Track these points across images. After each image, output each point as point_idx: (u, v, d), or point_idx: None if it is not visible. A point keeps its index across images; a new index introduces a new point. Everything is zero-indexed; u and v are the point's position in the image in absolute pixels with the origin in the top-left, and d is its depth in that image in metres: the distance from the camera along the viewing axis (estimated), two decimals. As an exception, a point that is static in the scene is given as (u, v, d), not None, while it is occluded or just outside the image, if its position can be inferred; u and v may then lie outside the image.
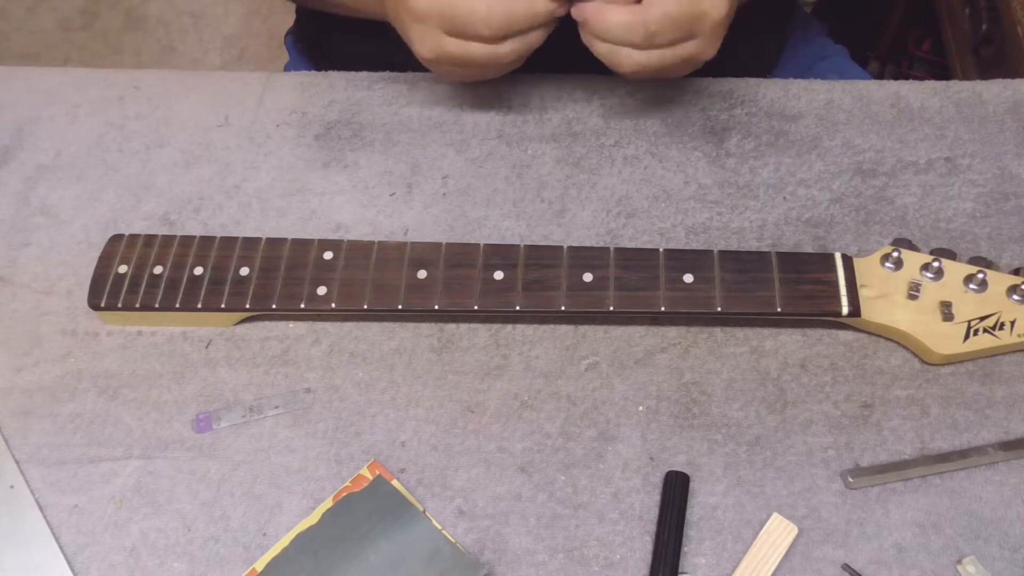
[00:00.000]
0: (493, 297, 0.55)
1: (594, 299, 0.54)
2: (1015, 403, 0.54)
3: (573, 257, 0.55)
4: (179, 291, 0.56)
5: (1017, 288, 0.54)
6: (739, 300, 0.54)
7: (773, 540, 0.49)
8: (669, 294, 0.54)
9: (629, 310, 0.54)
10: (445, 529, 0.49)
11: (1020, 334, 0.53)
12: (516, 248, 0.56)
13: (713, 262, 0.55)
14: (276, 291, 0.56)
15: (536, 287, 0.55)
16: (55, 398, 0.55)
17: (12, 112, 0.70)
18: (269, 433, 0.54)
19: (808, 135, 0.66)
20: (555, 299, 0.54)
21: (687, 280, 0.54)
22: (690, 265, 0.55)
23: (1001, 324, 0.53)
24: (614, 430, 0.53)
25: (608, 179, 0.64)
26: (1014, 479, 0.51)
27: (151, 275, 0.57)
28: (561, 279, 0.55)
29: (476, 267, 0.55)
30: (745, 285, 0.54)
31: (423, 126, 0.68)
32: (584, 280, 0.55)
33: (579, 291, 0.54)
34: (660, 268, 0.55)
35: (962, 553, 0.48)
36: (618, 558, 0.49)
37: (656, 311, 0.54)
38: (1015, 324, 0.53)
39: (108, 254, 0.58)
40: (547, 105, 0.69)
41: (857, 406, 0.54)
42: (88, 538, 0.50)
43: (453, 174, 0.65)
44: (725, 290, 0.54)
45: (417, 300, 0.55)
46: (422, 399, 0.55)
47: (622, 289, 0.54)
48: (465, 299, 0.55)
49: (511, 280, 0.55)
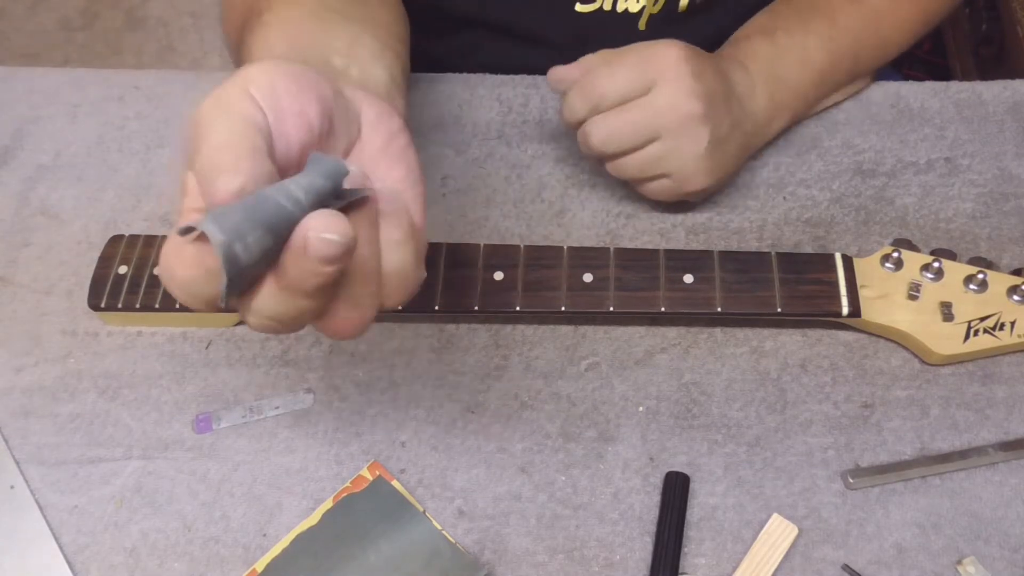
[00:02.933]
0: (493, 297, 0.55)
1: (594, 299, 0.54)
2: (1015, 403, 0.54)
3: (573, 257, 0.55)
4: None
5: (1017, 288, 0.54)
6: (739, 300, 0.54)
7: (773, 540, 0.49)
8: (669, 294, 0.54)
9: (629, 310, 0.54)
10: (445, 529, 0.49)
11: (1020, 334, 0.53)
12: (516, 248, 0.56)
13: (713, 262, 0.55)
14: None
15: (536, 287, 0.55)
16: (55, 398, 0.55)
17: (12, 112, 0.70)
18: (269, 433, 0.54)
19: (808, 135, 0.66)
20: (555, 299, 0.54)
21: (687, 280, 0.54)
22: (690, 265, 0.55)
23: (1001, 324, 0.53)
24: (614, 430, 0.53)
25: (608, 179, 0.64)
26: (1014, 479, 0.51)
27: (151, 275, 0.57)
28: (561, 280, 0.55)
29: (476, 268, 0.55)
30: (745, 285, 0.54)
31: (423, 126, 0.68)
32: (584, 280, 0.55)
33: (579, 291, 0.54)
34: (660, 268, 0.55)
35: (962, 553, 0.48)
36: (618, 558, 0.49)
37: (656, 311, 0.54)
38: (1015, 324, 0.53)
39: (108, 255, 0.58)
40: (547, 105, 0.69)
41: (857, 406, 0.54)
42: (88, 538, 0.50)
43: (453, 174, 0.65)
44: (725, 290, 0.54)
45: (417, 300, 0.55)
46: (422, 399, 0.55)
47: (622, 289, 0.54)
48: (465, 299, 0.55)
49: (511, 280, 0.55)
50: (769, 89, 0.60)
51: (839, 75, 0.63)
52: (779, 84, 0.60)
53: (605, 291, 0.54)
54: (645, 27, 0.68)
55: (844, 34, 0.62)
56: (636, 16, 0.67)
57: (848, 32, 0.62)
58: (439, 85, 0.70)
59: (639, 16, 0.67)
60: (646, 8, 0.67)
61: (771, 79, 0.60)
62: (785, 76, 0.61)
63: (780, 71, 0.60)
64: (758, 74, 0.59)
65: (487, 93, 0.69)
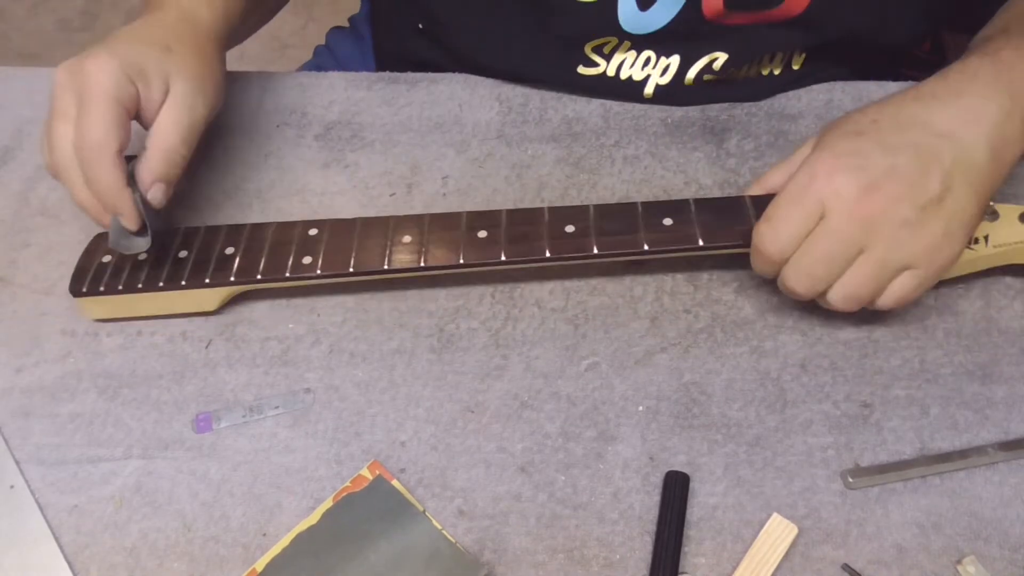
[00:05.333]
0: (478, 251, 0.55)
1: (578, 245, 0.55)
2: (1015, 403, 0.54)
3: (554, 213, 0.57)
4: (163, 271, 0.56)
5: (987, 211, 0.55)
6: (719, 234, 0.55)
7: (773, 540, 0.49)
8: (650, 235, 0.55)
9: (613, 251, 0.55)
10: (445, 529, 0.49)
11: (996, 245, 0.55)
12: (499, 212, 0.57)
13: (690, 207, 0.56)
14: (260, 264, 0.56)
15: (520, 240, 0.56)
16: (55, 398, 0.55)
17: (12, 112, 0.70)
18: (269, 433, 0.54)
19: (808, 135, 0.66)
20: (539, 248, 0.55)
21: (666, 223, 0.55)
22: (668, 210, 0.56)
23: (976, 239, 0.55)
24: (614, 430, 0.53)
25: (608, 179, 0.64)
26: (1014, 479, 0.51)
27: (135, 261, 0.57)
28: (543, 232, 0.56)
29: (460, 229, 0.56)
30: (724, 222, 0.55)
31: (423, 126, 0.68)
32: (567, 231, 0.56)
33: (562, 239, 0.55)
34: (639, 216, 0.56)
35: (962, 553, 0.48)
36: (618, 558, 0.49)
37: (639, 251, 0.55)
38: (988, 238, 0.55)
39: (92, 248, 0.58)
40: (547, 105, 0.69)
41: (857, 406, 0.54)
42: (88, 538, 0.50)
43: (453, 174, 0.65)
44: (704, 227, 0.55)
45: (402, 260, 0.55)
46: (422, 399, 0.55)
47: (604, 235, 0.55)
48: (450, 255, 0.55)
49: (495, 236, 0.56)
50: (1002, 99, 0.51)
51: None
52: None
53: (587, 237, 0.55)
54: (651, 95, 0.68)
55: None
56: (640, 84, 0.67)
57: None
58: (439, 85, 0.70)
59: (643, 84, 0.67)
60: (651, 78, 0.66)
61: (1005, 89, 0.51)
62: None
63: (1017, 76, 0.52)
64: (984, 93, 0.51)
65: (487, 93, 0.70)
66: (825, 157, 0.50)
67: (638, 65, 0.66)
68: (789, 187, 0.50)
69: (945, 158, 0.49)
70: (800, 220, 0.50)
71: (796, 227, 0.50)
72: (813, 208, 0.49)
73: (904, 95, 0.53)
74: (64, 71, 0.53)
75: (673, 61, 0.65)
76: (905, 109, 0.52)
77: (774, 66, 0.68)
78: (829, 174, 0.49)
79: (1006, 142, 0.51)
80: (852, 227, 0.49)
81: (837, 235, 0.49)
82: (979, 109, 0.50)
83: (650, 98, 0.68)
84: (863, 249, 0.49)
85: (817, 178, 0.49)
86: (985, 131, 0.50)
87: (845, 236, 0.49)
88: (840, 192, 0.49)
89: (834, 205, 0.49)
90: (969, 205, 0.49)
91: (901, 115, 0.51)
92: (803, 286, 0.51)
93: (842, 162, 0.49)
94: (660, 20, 0.63)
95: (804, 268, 0.50)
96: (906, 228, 0.48)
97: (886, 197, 0.48)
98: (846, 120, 0.53)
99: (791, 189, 0.50)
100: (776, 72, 0.68)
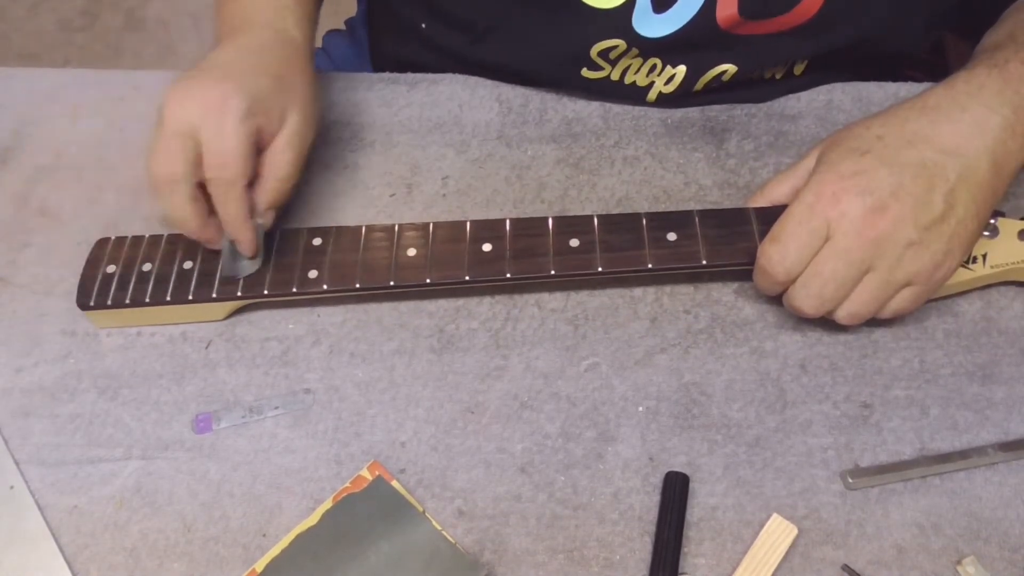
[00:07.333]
0: (483, 267, 0.55)
1: (582, 262, 0.55)
2: (1015, 403, 0.54)
3: (559, 225, 0.56)
4: (169, 285, 0.56)
5: (988, 225, 0.55)
6: (722, 253, 0.55)
7: (773, 541, 0.49)
8: (655, 252, 0.55)
9: (617, 269, 0.55)
10: (445, 530, 0.49)
11: (993, 265, 0.55)
12: (502, 222, 0.57)
13: (694, 220, 0.56)
14: (267, 277, 0.56)
15: (525, 255, 0.56)
16: (55, 398, 0.55)
17: (12, 112, 0.70)
18: (269, 434, 0.54)
19: (808, 135, 0.66)
20: (544, 264, 0.55)
21: (671, 238, 0.55)
22: (672, 224, 0.56)
23: (974, 258, 0.55)
24: (614, 430, 0.53)
25: (608, 179, 0.64)
26: (1014, 479, 0.51)
27: (140, 272, 0.57)
28: (548, 246, 0.56)
29: (464, 241, 0.56)
30: (727, 238, 0.55)
31: (423, 127, 0.68)
32: (571, 245, 0.56)
33: (567, 255, 0.55)
34: (643, 229, 0.56)
35: (962, 553, 0.48)
36: (618, 558, 0.49)
37: (644, 268, 0.55)
38: (987, 257, 0.55)
39: (95, 257, 0.58)
40: (547, 105, 0.69)
41: (857, 406, 0.54)
42: (88, 538, 0.50)
43: (453, 175, 0.65)
44: (708, 244, 0.55)
45: (408, 276, 0.55)
46: (422, 399, 0.55)
47: (609, 251, 0.55)
48: (455, 271, 0.55)
49: (500, 250, 0.56)
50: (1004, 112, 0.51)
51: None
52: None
53: (592, 253, 0.55)
54: (654, 100, 0.68)
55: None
56: (644, 89, 0.67)
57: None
58: (439, 85, 0.70)
59: (647, 90, 0.67)
60: (655, 85, 0.66)
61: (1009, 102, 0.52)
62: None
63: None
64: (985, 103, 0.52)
65: (487, 93, 0.70)
66: (831, 178, 0.51)
67: (643, 71, 0.66)
68: (794, 208, 0.51)
69: (950, 175, 0.50)
70: (807, 241, 0.50)
71: (803, 248, 0.50)
72: (819, 229, 0.50)
73: (910, 106, 0.53)
74: (182, 90, 0.53)
75: (679, 71, 0.65)
76: (910, 123, 0.52)
77: (776, 71, 0.68)
78: (835, 195, 0.50)
79: (1008, 155, 0.51)
80: (860, 248, 0.49)
81: (846, 256, 0.49)
82: (983, 122, 0.51)
83: (653, 103, 0.68)
84: (869, 269, 0.50)
85: (823, 199, 0.50)
86: (988, 144, 0.50)
87: (854, 257, 0.49)
88: (847, 213, 0.49)
89: (841, 226, 0.49)
90: (970, 221, 0.50)
91: (906, 130, 0.51)
92: (812, 306, 0.51)
93: (848, 183, 0.50)
94: (673, 25, 0.62)
95: (814, 289, 0.51)
96: (911, 248, 0.49)
97: (893, 218, 0.49)
98: (850, 135, 0.53)
99: (797, 210, 0.51)
100: (778, 76, 0.68)
